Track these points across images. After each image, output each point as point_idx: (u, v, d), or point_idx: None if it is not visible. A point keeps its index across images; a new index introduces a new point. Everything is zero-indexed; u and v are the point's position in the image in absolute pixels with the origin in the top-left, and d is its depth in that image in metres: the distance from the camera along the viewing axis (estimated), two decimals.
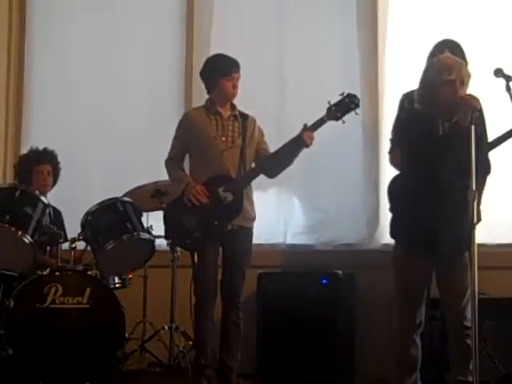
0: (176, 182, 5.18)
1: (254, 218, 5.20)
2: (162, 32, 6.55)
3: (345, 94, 4.99)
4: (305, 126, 5.00)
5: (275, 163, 5.14)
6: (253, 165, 5.18)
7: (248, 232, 5.16)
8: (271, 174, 5.24)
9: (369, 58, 6.12)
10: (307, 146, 5.01)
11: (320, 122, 5.02)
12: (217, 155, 5.07)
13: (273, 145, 5.20)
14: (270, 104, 6.16)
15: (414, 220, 4.17)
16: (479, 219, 3.86)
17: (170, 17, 6.56)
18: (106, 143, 6.46)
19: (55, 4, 6.71)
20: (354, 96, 5.01)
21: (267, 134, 5.30)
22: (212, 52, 5.81)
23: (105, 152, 6.46)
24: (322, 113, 5.00)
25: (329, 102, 4.98)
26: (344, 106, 5.00)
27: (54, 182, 5.83)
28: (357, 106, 5.00)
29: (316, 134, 5.51)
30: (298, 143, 5.01)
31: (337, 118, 5.01)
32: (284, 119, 6.03)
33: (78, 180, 6.29)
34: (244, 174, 5.08)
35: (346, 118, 5.03)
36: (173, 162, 5.20)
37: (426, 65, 4.63)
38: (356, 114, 5.04)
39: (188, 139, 5.19)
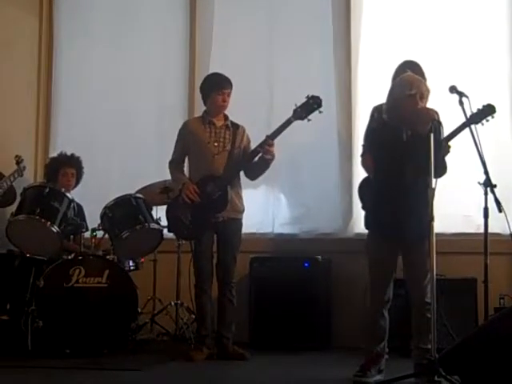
0: (175, 183, 5.20)
1: (243, 211, 5.18)
2: (170, 54, 6.50)
3: (309, 96, 4.94)
4: (266, 136, 4.96)
5: (245, 166, 5.10)
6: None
7: (238, 222, 5.15)
8: (249, 177, 5.20)
9: (343, 76, 6.08)
10: (269, 158, 4.97)
11: (286, 124, 4.95)
12: (209, 158, 5.06)
13: None
14: (260, 113, 6.12)
15: (384, 213, 4.15)
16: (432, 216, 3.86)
17: (175, 41, 6.51)
18: (121, 148, 6.41)
19: (79, 32, 6.66)
20: (317, 97, 4.93)
21: (258, 139, 5.25)
22: (211, 70, 5.79)
23: (121, 156, 6.42)
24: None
25: (295, 105, 4.94)
26: (308, 106, 4.93)
27: (77, 183, 5.81)
28: (319, 105, 4.91)
29: (299, 140, 5.54)
30: (261, 150, 4.96)
31: (302, 118, 4.94)
32: (272, 126, 5.96)
33: (98, 179, 6.23)
34: (227, 171, 5.04)
35: (321, 124, 4.99)
36: (174, 165, 5.21)
37: (392, 82, 4.63)
38: (320, 112, 4.94)
39: (186, 144, 5.20)
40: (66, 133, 6.57)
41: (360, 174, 5.04)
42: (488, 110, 4.40)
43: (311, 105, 4.92)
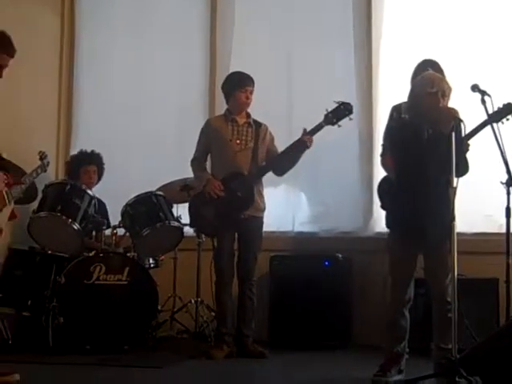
0: (198, 180, 5.19)
1: (264, 209, 5.19)
2: (190, 51, 6.51)
3: (340, 102, 4.95)
4: (304, 130, 4.98)
5: (281, 162, 5.11)
6: (263, 164, 5.16)
7: (259, 221, 5.15)
8: (279, 173, 5.22)
9: (364, 74, 6.06)
10: (307, 147, 4.99)
11: (318, 127, 4.98)
12: (232, 155, 5.07)
13: (283, 147, 5.19)
14: (281, 112, 6.10)
15: (404, 212, 4.11)
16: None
17: (196, 39, 6.52)
18: (142, 146, 6.42)
19: (100, 30, 6.69)
20: (348, 104, 4.97)
21: (278, 138, 5.29)
22: (231, 69, 5.81)
23: (142, 154, 6.41)
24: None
25: (326, 110, 4.95)
26: (339, 112, 4.96)
27: (99, 179, 5.85)
28: (350, 112, 4.96)
29: (319, 139, 5.49)
30: (300, 145, 4.99)
31: (333, 123, 4.98)
32: (292, 125, 5.98)
33: (120, 177, 6.24)
34: (255, 171, 5.05)
35: (342, 124, 5.00)
36: (197, 162, 5.21)
37: (413, 81, 4.59)
38: (350, 119, 5.00)
39: (209, 142, 5.20)
40: (87, 130, 6.60)
41: (380, 172, 5.03)
42: (508, 109, 4.36)
43: (342, 111, 4.95)
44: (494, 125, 4.08)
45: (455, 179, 3.82)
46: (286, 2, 6.32)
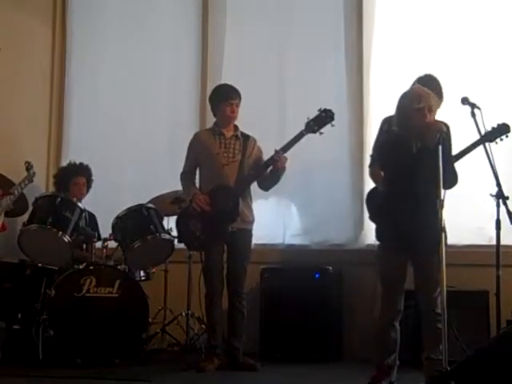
0: (186, 194, 5.21)
1: (253, 221, 5.20)
2: (182, 66, 6.54)
3: (321, 109, 4.97)
4: (275, 151, 4.98)
5: (260, 175, 5.10)
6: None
7: (247, 233, 5.16)
8: (261, 187, 5.23)
9: (355, 87, 6.09)
10: (279, 168, 4.98)
11: (299, 137, 4.97)
12: (219, 168, 5.08)
13: None
14: (272, 123, 6.14)
15: (394, 225, 4.15)
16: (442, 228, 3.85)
17: (187, 54, 6.54)
18: (134, 159, 6.43)
19: (91, 42, 6.70)
20: (329, 110, 4.98)
21: (269, 147, 5.22)
22: (223, 82, 5.82)
23: (133, 166, 6.43)
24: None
25: (307, 118, 4.97)
26: (320, 119, 4.97)
27: (87, 192, 5.84)
28: (332, 118, 4.96)
29: (310, 151, 5.53)
30: (271, 163, 4.99)
31: (314, 131, 4.99)
32: (284, 134, 5.97)
33: (111, 189, 6.27)
34: (238, 182, 5.06)
35: (333, 136, 5.01)
36: (186, 176, 5.23)
37: (401, 95, 4.62)
38: (332, 125, 4.99)
39: (196, 155, 5.22)
40: (78, 142, 6.59)
41: (371, 185, 5.05)
42: (503, 129, 4.39)
43: (324, 118, 4.96)
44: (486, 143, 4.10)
45: (442, 191, 3.85)
46: (277, 14, 6.35)
